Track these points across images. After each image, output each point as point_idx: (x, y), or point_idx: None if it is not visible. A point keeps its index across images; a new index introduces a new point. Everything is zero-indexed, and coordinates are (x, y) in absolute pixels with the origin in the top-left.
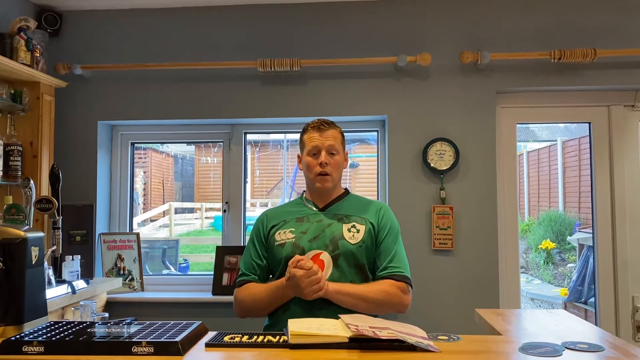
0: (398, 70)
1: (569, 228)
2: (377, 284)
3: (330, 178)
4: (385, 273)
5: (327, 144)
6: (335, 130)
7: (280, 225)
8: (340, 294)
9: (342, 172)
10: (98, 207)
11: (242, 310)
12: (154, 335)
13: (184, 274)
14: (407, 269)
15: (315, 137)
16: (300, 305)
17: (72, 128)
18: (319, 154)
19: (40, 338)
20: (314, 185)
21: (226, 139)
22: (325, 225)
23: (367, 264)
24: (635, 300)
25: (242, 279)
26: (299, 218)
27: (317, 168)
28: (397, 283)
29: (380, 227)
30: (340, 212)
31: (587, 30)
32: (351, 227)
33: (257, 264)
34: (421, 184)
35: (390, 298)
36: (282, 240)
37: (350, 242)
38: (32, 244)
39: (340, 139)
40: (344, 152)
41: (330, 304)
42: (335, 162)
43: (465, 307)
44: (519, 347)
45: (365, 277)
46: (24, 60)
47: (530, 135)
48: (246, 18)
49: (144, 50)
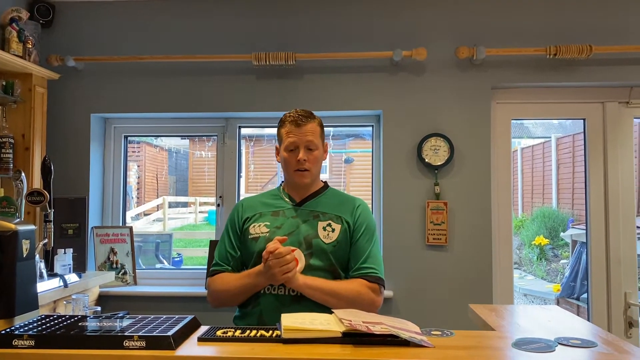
0: (394, 65)
1: (562, 224)
2: (349, 282)
3: (308, 174)
4: (359, 273)
5: (305, 140)
6: (314, 123)
7: (256, 218)
8: (310, 288)
9: (321, 166)
10: (91, 200)
11: (214, 299)
12: (146, 329)
13: (177, 268)
14: (381, 270)
15: (293, 133)
16: (270, 300)
17: (65, 120)
18: (297, 150)
19: (31, 332)
20: (292, 180)
21: (220, 133)
22: (300, 222)
23: (341, 264)
24: (627, 296)
25: (215, 269)
26: (274, 212)
27: (295, 164)
28: (370, 284)
29: (356, 226)
30: (317, 208)
31: (582, 27)
32: (326, 225)
33: (230, 254)
34: (416, 179)
35: (361, 298)
36: (256, 234)
37: (325, 242)
38: (23, 237)
39: (319, 132)
40: (322, 145)
41: (300, 300)
42: (314, 157)
43: (459, 302)
44: (512, 343)
45: (337, 276)
46: (16, 51)
47: (525, 131)
48: (241, 11)
49: (138, 42)
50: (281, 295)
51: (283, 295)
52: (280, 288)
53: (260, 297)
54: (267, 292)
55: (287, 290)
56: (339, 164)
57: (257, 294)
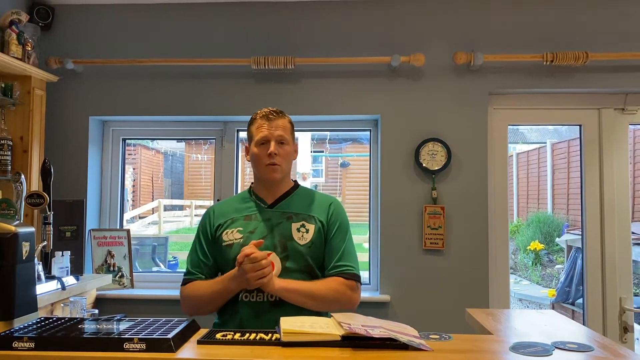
0: (392, 70)
1: (557, 230)
2: (325, 281)
3: (279, 169)
4: (335, 272)
5: (276, 134)
6: (285, 120)
7: (228, 224)
8: (287, 292)
9: (291, 164)
10: (89, 203)
11: (189, 307)
12: (146, 332)
13: (173, 271)
14: (356, 266)
15: (264, 127)
16: (248, 307)
17: (63, 123)
18: (268, 143)
19: (31, 334)
20: (263, 176)
21: (218, 136)
22: (274, 224)
23: (316, 264)
24: (622, 301)
25: (188, 277)
26: (246, 216)
27: (266, 159)
28: (346, 281)
29: (329, 224)
30: (290, 209)
31: (579, 34)
32: (300, 226)
33: (203, 262)
34: (413, 184)
35: (339, 296)
36: (229, 240)
37: (300, 243)
38: (23, 239)
39: (290, 129)
40: (293, 143)
41: (278, 305)
42: (285, 152)
43: (456, 306)
44: (509, 347)
45: (314, 276)
46: (15, 53)
47: (520, 137)
48: (240, 15)
49: (137, 45)
50: (260, 302)
51: (262, 302)
52: (259, 295)
53: (238, 304)
54: (244, 299)
55: (265, 297)
56: (334, 168)
57: (235, 302)
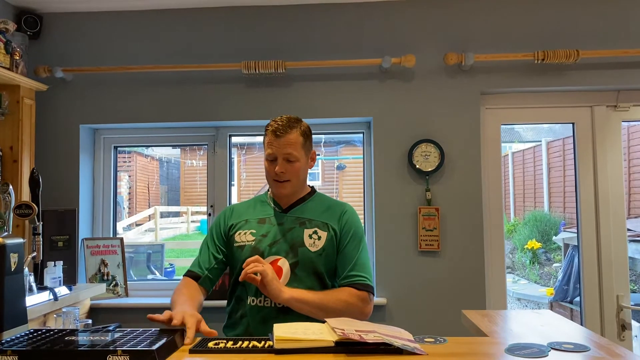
0: (383, 72)
1: (554, 228)
2: (336, 292)
3: (288, 184)
4: (346, 282)
5: (283, 152)
6: (296, 133)
7: (241, 225)
8: (297, 301)
9: (306, 174)
10: (81, 212)
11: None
12: (131, 343)
13: (169, 278)
14: (369, 277)
15: (273, 144)
16: (256, 312)
17: (54, 132)
18: (276, 161)
19: (16, 347)
20: (273, 190)
21: (211, 142)
22: (286, 229)
23: (327, 272)
24: (619, 299)
25: (189, 270)
26: (260, 219)
27: (275, 175)
28: (358, 292)
29: (343, 232)
30: (303, 215)
31: (570, 32)
32: (312, 233)
33: (213, 255)
34: (407, 186)
35: (349, 308)
36: (242, 242)
37: (311, 250)
38: (11, 251)
39: (300, 142)
40: (307, 155)
41: (287, 312)
42: (294, 169)
43: (452, 308)
44: (505, 349)
45: (324, 285)
46: (3, 63)
47: (515, 136)
48: (230, 20)
49: (126, 52)
50: (267, 307)
51: (269, 308)
52: (267, 300)
53: (246, 307)
54: (252, 303)
55: (272, 302)
56: (331, 171)
57: (244, 304)
